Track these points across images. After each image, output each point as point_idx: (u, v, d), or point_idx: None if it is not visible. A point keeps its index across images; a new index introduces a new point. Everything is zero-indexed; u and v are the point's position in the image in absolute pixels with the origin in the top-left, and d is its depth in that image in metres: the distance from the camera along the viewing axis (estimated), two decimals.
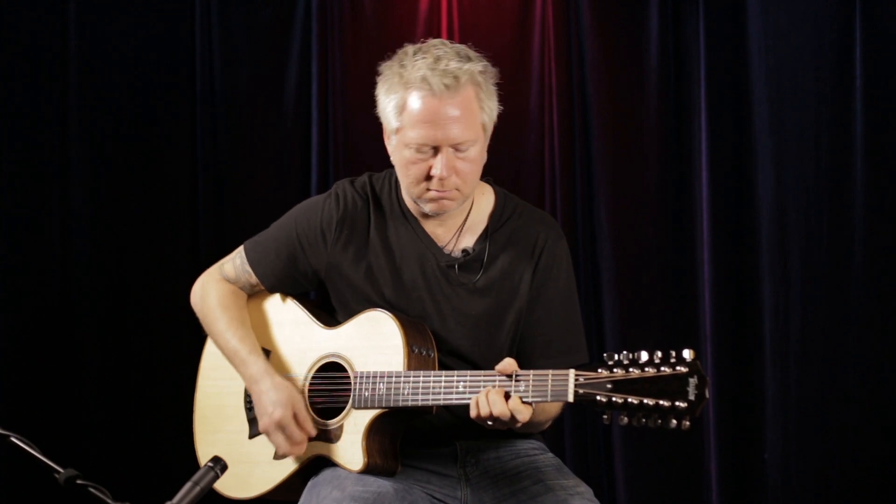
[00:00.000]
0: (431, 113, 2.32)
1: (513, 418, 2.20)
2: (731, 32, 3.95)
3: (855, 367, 3.83)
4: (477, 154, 2.39)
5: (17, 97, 3.86)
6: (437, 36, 3.91)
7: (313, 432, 2.43)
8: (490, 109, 2.39)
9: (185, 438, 2.66)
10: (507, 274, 2.47)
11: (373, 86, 2.40)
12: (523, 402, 2.21)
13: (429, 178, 2.36)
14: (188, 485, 1.94)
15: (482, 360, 2.46)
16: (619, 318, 3.97)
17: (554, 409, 2.43)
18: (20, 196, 3.86)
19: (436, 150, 2.34)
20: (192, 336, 2.71)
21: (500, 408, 2.20)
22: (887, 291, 3.83)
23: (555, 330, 2.49)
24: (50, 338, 3.88)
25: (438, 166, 2.34)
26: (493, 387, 2.24)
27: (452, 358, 2.46)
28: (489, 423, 2.24)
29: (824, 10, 3.86)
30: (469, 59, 2.36)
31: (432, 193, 2.39)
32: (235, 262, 2.60)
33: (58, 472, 1.90)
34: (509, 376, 2.24)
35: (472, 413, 2.24)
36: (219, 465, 1.99)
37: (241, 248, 2.60)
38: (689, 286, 3.98)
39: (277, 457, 2.47)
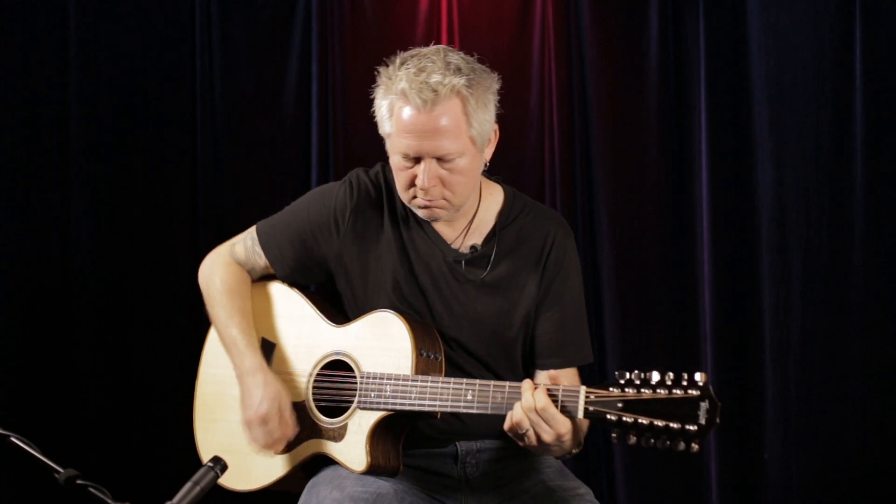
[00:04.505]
0: (411, 125, 2.31)
1: (548, 427, 2.18)
2: (731, 32, 3.95)
3: (855, 367, 3.83)
4: (466, 165, 2.36)
5: (17, 97, 3.86)
6: (437, 36, 3.94)
7: (292, 435, 2.43)
8: (480, 122, 2.35)
9: (185, 438, 2.66)
10: (514, 272, 2.47)
11: (373, 86, 2.41)
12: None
13: (414, 185, 2.37)
14: (188, 485, 1.94)
15: (489, 357, 2.47)
16: (619, 318, 3.96)
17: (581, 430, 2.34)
18: (20, 196, 3.86)
19: (418, 159, 2.34)
20: (193, 336, 2.71)
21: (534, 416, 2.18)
22: (887, 291, 3.83)
23: (566, 329, 2.49)
24: (50, 338, 3.88)
25: (421, 177, 2.34)
26: (504, 397, 2.24)
27: (461, 353, 2.46)
28: (521, 432, 2.21)
29: (824, 10, 3.85)
30: (458, 72, 2.31)
31: (419, 201, 2.39)
32: (247, 243, 2.59)
33: (58, 472, 1.90)
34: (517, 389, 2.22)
35: (506, 425, 2.23)
36: (219, 465, 1.99)
37: (252, 229, 2.59)
38: (689, 286, 3.98)
39: (277, 452, 2.46)
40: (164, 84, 3.98)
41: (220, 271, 2.59)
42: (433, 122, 2.30)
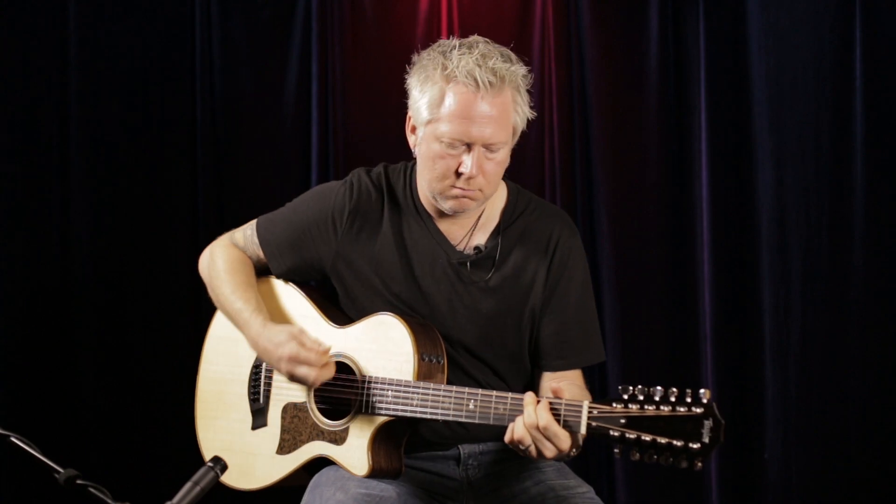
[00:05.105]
0: (469, 109, 2.29)
1: (546, 439, 2.16)
2: (731, 32, 3.95)
3: (855, 367, 3.82)
4: (504, 157, 2.38)
5: (17, 97, 3.86)
6: (438, 36, 3.94)
7: (326, 347, 2.38)
8: (523, 114, 2.38)
9: (186, 438, 2.66)
10: (520, 271, 2.45)
11: (373, 86, 2.40)
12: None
13: (455, 175, 2.34)
14: (188, 485, 1.94)
15: (494, 359, 2.46)
16: (619, 318, 3.96)
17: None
18: (20, 197, 3.87)
19: (468, 147, 2.32)
20: (193, 336, 2.70)
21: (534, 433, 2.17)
22: (887, 291, 3.82)
23: (571, 329, 2.48)
24: (50, 338, 3.88)
25: (468, 164, 2.32)
26: (506, 408, 2.23)
27: (464, 355, 2.45)
28: (522, 448, 2.20)
29: (824, 10, 3.85)
30: (512, 62, 2.34)
31: (456, 191, 2.36)
32: (246, 233, 2.59)
33: (58, 472, 1.90)
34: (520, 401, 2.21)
35: (507, 439, 2.21)
36: (219, 465, 1.99)
37: (252, 223, 2.59)
38: (689, 286, 3.98)
39: (310, 386, 2.42)
40: (164, 84, 3.98)
41: (220, 253, 2.59)
42: (492, 108, 2.30)
